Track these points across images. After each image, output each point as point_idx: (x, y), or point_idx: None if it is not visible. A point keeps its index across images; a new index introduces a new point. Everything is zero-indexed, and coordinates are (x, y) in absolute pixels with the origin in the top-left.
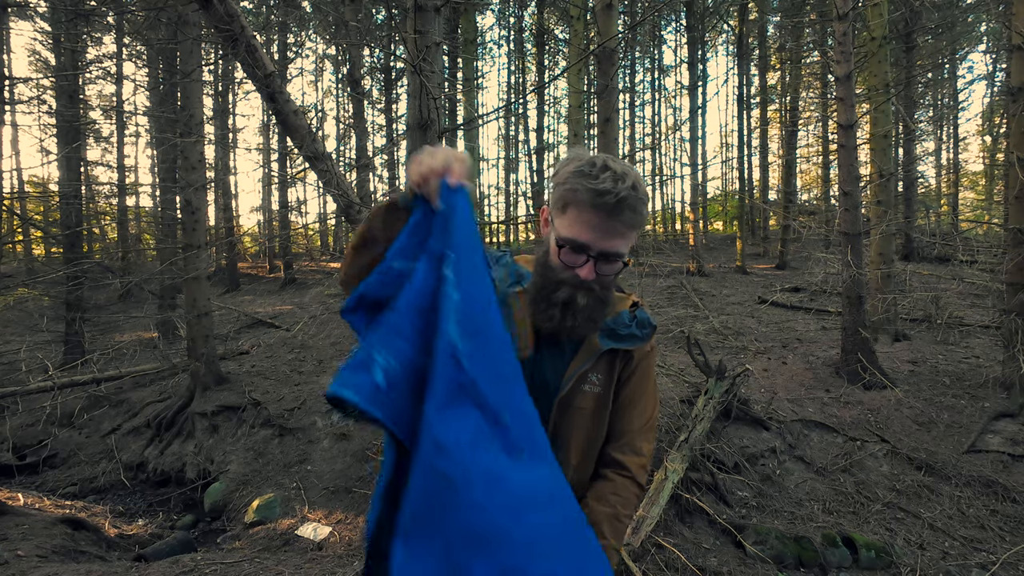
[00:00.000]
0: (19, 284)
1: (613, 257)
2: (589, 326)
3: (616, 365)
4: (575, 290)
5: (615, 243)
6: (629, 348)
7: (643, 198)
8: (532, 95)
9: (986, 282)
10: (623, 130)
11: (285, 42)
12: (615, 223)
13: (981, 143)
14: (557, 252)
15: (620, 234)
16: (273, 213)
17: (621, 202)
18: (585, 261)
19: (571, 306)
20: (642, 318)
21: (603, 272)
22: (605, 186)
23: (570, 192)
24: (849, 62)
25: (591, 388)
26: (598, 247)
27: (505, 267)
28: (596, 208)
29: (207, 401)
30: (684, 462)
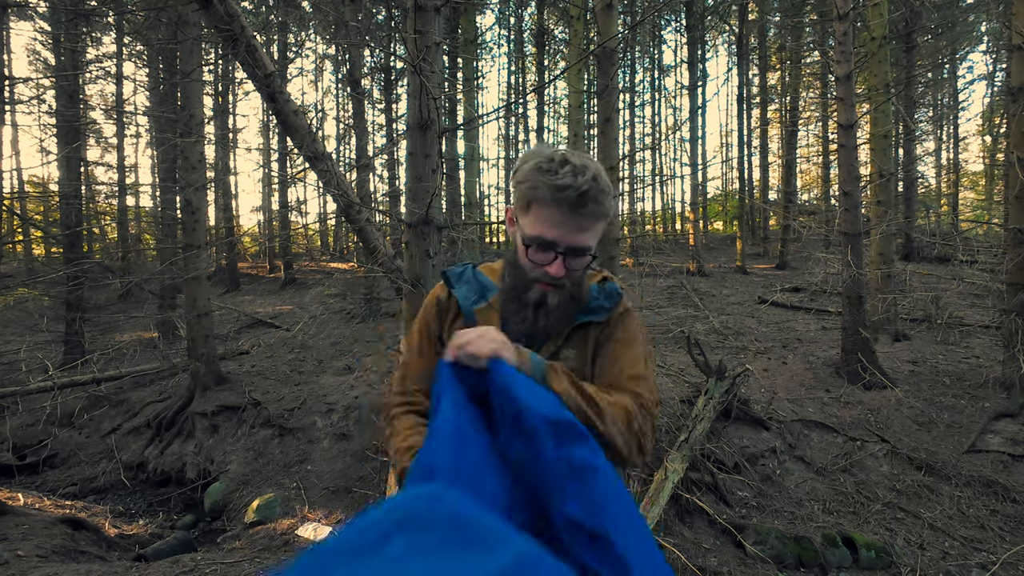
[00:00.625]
0: (19, 284)
1: (581, 251)
2: (562, 324)
3: (590, 338)
4: (546, 289)
5: (581, 237)
6: (597, 320)
7: (605, 189)
8: (532, 95)
9: (986, 282)
10: (623, 130)
11: (285, 42)
12: (579, 217)
13: (981, 143)
14: (525, 251)
15: (585, 228)
16: (273, 213)
17: (583, 196)
18: (554, 258)
19: (543, 306)
20: (609, 289)
21: (572, 267)
22: (565, 181)
23: (531, 190)
24: (849, 62)
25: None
26: (565, 242)
27: (467, 283)
28: (559, 204)
29: (207, 401)
30: (684, 462)
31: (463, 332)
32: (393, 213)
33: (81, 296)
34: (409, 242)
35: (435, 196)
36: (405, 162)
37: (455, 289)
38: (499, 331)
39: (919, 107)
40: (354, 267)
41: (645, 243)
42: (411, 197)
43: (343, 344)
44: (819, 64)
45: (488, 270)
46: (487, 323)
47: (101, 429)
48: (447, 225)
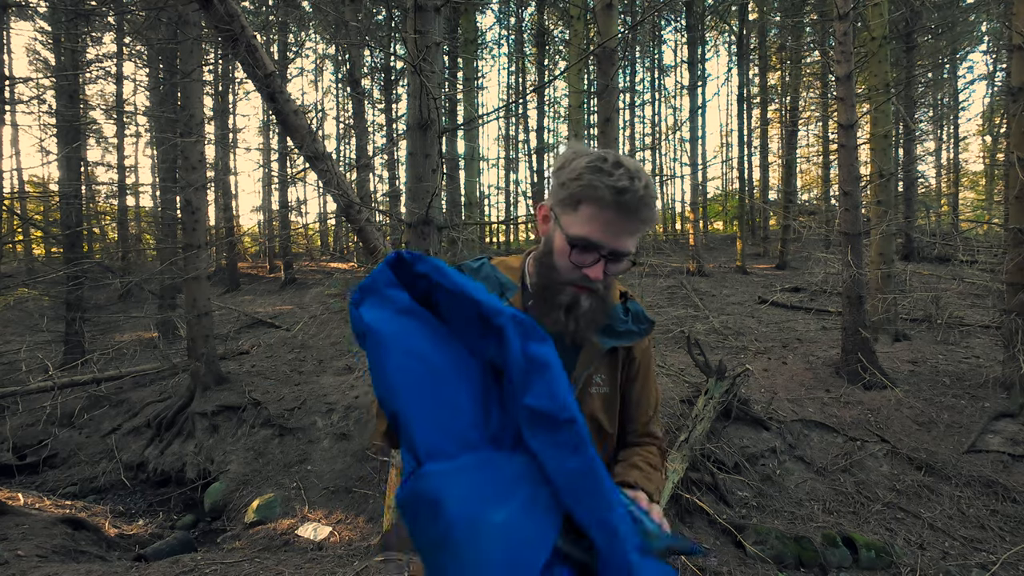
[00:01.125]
0: (19, 284)
1: (623, 256)
2: (591, 329)
3: (618, 362)
4: (579, 292)
5: (627, 242)
6: (625, 345)
7: (655, 195)
8: (532, 95)
9: (986, 282)
10: (623, 130)
11: (285, 42)
12: (631, 222)
13: (981, 143)
14: (567, 251)
15: (634, 233)
16: (273, 213)
17: (640, 201)
18: (595, 260)
19: (574, 310)
20: (636, 311)
21: (611, 272)
22: (624, 184)
23: (586, 188)
24: (849, 62)
25: (597, 389)
26: (611, 246)
27: (486, 279)
28: (616, 206)
29: (207, 401)
30: (684, 462)
31: None
32: (393, 213)
33: (81, 296)
34: (409, 242)
35: (435, 196)
36: (405, 162)
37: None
38: None
39: (919, 107)
40: (354, 267)
41: (645, 243)
42: (411, 197)
43: (343, 344)
44: (819, 64)
45: (504, 267)
46: None
47: (101, 429)
48: (447, 225)
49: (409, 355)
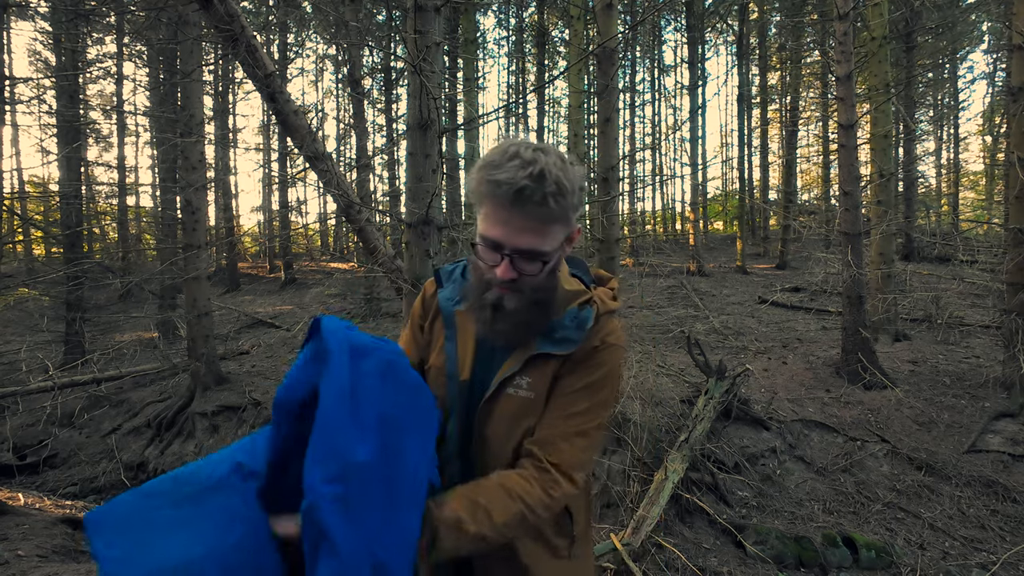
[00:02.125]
0: (19, 284)
1: (531, 255)
2: (521, 331)
3: (549, 370)
4: (503, 292)
5: (527, 239)
6: (561, 354)
7: (552, 189)
8: (532, 95)
9: (986, 282)
10: (623, 130)
11: (285, 42)
12: (519, 217)
13: (981, 143)
14: (479, 250)
15: (528, 229)
16: (273, 213)
17: (519, 193)
18: (499, 259)
19: (500, 309)
20: (583, 317)
21: (524, 271)
22: (504, 176)
23: (479, 184)
24: (849, 62)
25: (516, 391)
26: (510, 244)
27: (455, 282)
28: (498, 200)
29: (207, 401)
30: (684, 462)
31: None
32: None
33: (81, 296)
34: (409, 242)
35: (435, 196)
36: (405, 162)
37: (442, 289)
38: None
39: (919, 107)
40: (354, 267)
41: (645, 243)
42: (411, 197)
43: None
44: (819, 64)
45: None
46: (463, 327)
47: (101, 429)
48: (447, 225)
49: None
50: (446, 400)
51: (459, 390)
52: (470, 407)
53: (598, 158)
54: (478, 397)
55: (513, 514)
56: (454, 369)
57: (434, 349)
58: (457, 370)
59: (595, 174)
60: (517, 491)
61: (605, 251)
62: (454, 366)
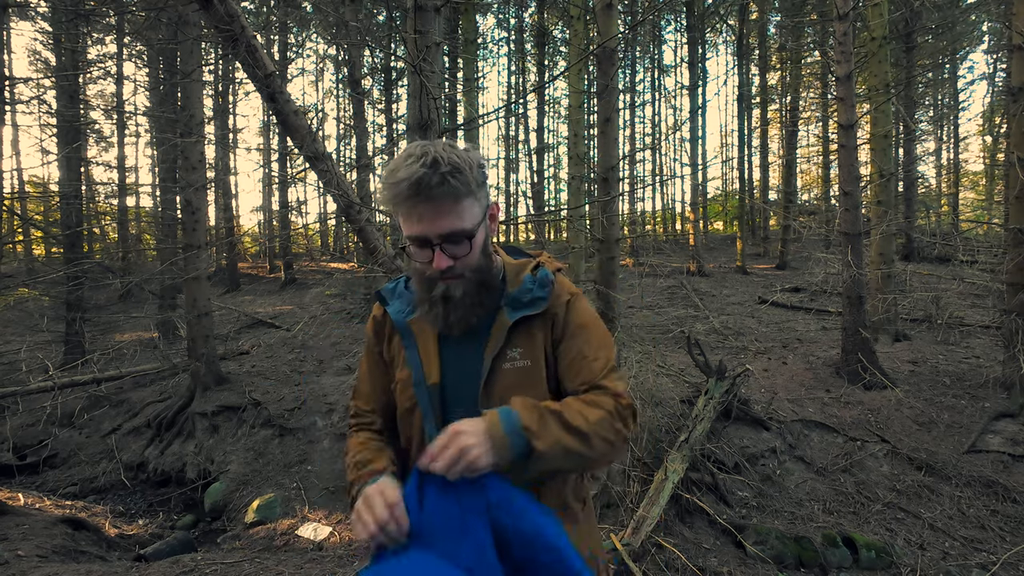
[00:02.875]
0: (19, 284)
1: (455, 237)
2: (476, 311)
3: (535, 332)
4: (447, 283)
5: (445, 222)
6: (536, 312)
7: (445, 168)
8: (532, 95)
9: (986, 282)
10: (623, 130)
11: (285, 42)
12: (427, 205)
13: (981, 143)
14: (411, 253)
15: (442, 212)
16: (273, 213)
17: (419, 184)
18: (431, 253)
19: (450, 300)
20: (541, 277)
21: (456, 255)
22: (402, 175)
23: (387, 196)
24: (849, 62)
25: (512, 364)
26: (432, 232)
27: (400, 297)
28: (404, 200)
29: (207, 401)
30: (684, 462)
31: (438, 442)
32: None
33: (81, 296)
34: None
35: None
36: None
37: (389, 305)
38: (469, 426)
39: (919, 107)
40: (354, 267)
41: (645, 243)
42: None
43: (343, 344)
44: (819, 64)
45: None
46: (422, 334)
47: (101, 429)
48: None
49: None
50: (419, 408)
51: (430, 395)
52: (445, 409)
53: (598, 158)
54: (453, 397)
55: (600, 416)
56: (420, 376)
57: (397, 365)
58: (424, 376)
59: (595, 174)
60: (594, 400)
61: (605, 251)
62: (420, 373)
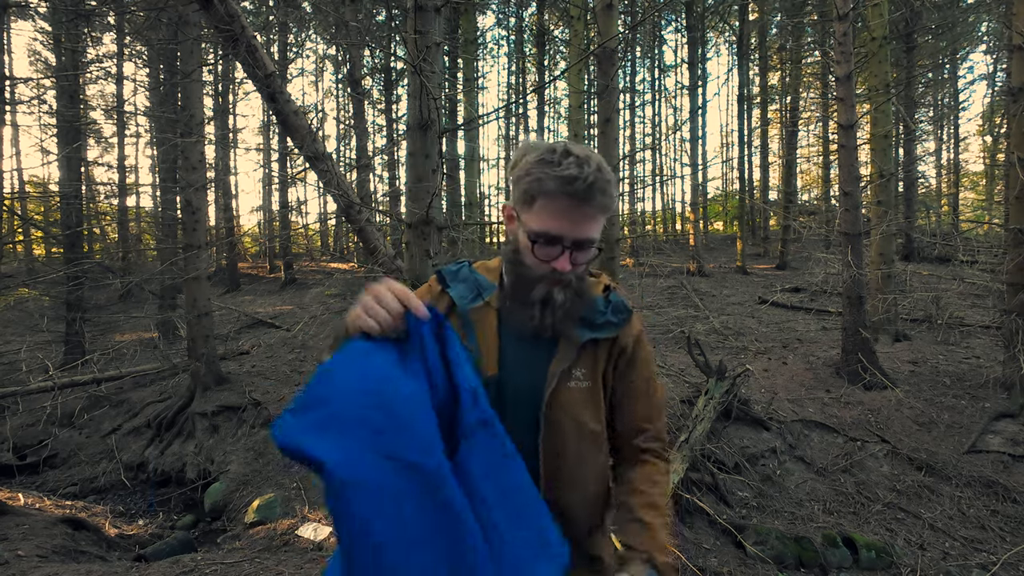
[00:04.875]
0: (19, 284)
1: (587, 244)
2: (569, 322)
3: (600, 355)
4: (552, 286)
5: (588, 229)
6: (607, 336)
7: (610, 179)
8: (532, 95)
9: (986, 282)
10: (623, 130)
11: (285, 42)
12: (587, 209)
13: (981, 143)
14: (530, 248)
15: (592, 219)
16: (273, 213)
17: (591, 187)
18: (560, 253)
19: (549, 303)
20: (616, 302)
21: (578, 261)
22: (571, 172)
23: (535, 183)
24: (849, 62)
25: (577, 384)
26: (572, 236)
27: (464, 281)
28: (566, 196)
29: (207, 401)
30: (684, 462)
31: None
32: (393, 213)
33: (81, 296)
34: (409, 242)
35: (435, 196)
36: (405, 162)
37: (451, 288)
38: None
39: (919, 107)
40: (354, 267)
41: (645, 243)
42: (411, 197)
43: None
44: (819, 64)
45: (484, 269)
46: (483, 323)
47: (101, 429)
48: (447, 225)
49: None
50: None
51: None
52: (501, 403)
53: None
54: (511, 396)
55: (665, 492)
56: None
57: None
58: (483, 366)
59: None
60: (659, 481)
61: (605, 251)
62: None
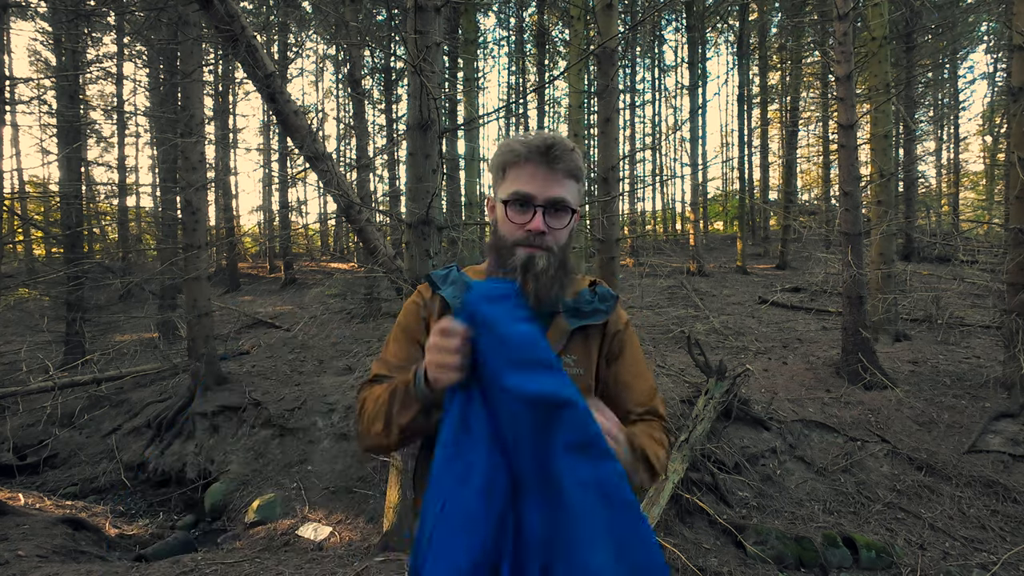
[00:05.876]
0: (20, 284)
1: (560, 205)
2: (553, 289)
3: (591, 344)
4: (531, 250)
5: (557, 189)
6: (596, 323)
7: (572, 149)
8: (532, 95)
9: (987, 282)
10: (623, 130)
11: (285, 42)
12: (551, 168)
13: (982, 143)
14: (505, 215)
15: (559, 180)
16: (273, 213)
17: (552, 147)
18: (532, 213)
19: (531, 268)
20: (602, 292)
21: (553, 224)
22: (534, 140)
23: (506, 154)
24: (849, 62)
25: (568, 370)
26: (542, 195)
27: (453, 283)
28: (531, 156)
29: (207, 401)
30: (684, 462)
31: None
32: (393, 213)
33: (81, 296)
34: (409, 242)
35: (435, 196)
36: (405, 162)
37: (442, 290)
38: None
39: (919, 107)
40: (354, 267)
41: (645, 243)
42: (411, 197)
43: (343, 344)
44: (819, 64)
45: (472, 271)
46: None
47: (101, 429)
48: (447, 225)
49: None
50: None
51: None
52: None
53: (598, 158)
54: None
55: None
56: None
57: None
58: None
59: (595, 174)
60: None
61: (605, 251)
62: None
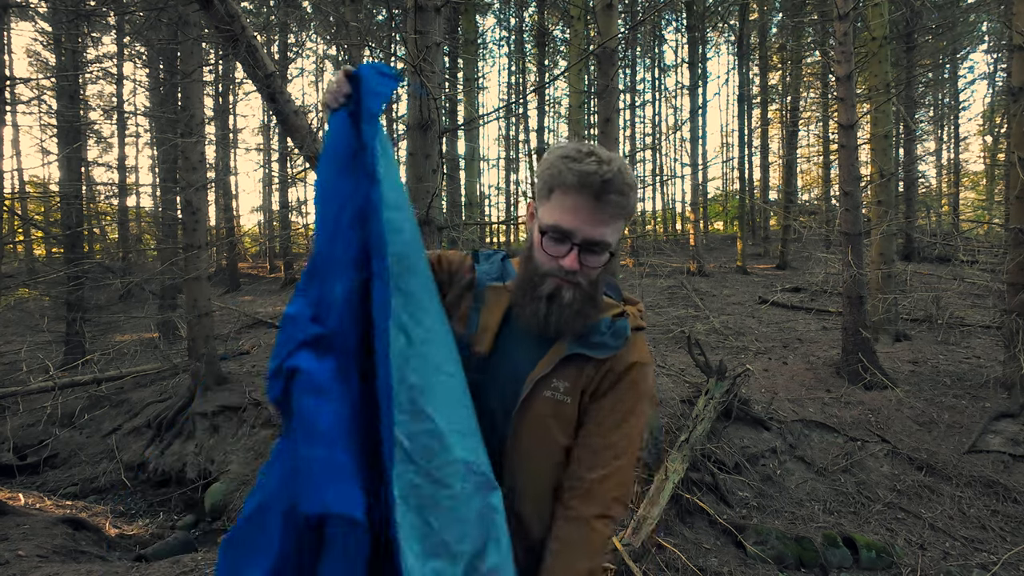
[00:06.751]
0: (20, 284)
1: (599, 247)
2: (576, 323)
3: (583, 376)
4: (560, 283)
5: (600, 230)
6: (596, 356)
7: (630, 183)
8: (532, 95)
9: (987, 282)
10: (623, 130)
11: (285, 42)
12: (600, 206)
13: (982, 143)
14: (540, 242)
15: (604, 220)
16: (273, 213)
17: (607, 184)
18: (569, 250)
19: (556, 300)
20: (619, 327)
21: (588, 264)
22: (590, 168)
23: (554, 175)
24: (850, 62)
25: (553, 395)
26: (583, 234)
27: (493, 263)
28: (581, 190)
29: (208, 401)
30: (684, 462)
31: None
32: None
33: (82, 296)
34: None
35: (435, 196)
36: (405, 162)
37: (479, 265)
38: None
39: (919, 107)
40: None
41: (645, 243)
42: (411, 197)
43: None
44: (820, 64)
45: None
46: (496, 303)
47: (102, 429)
48: (447, 225)
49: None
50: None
51: (469, 360)
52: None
53: None
54: (497, 379)
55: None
56: (470, 338)
57: (454, 315)
58: (474, 340)
59: None
60: (599, 548)
61: None
62: (471, 336)
